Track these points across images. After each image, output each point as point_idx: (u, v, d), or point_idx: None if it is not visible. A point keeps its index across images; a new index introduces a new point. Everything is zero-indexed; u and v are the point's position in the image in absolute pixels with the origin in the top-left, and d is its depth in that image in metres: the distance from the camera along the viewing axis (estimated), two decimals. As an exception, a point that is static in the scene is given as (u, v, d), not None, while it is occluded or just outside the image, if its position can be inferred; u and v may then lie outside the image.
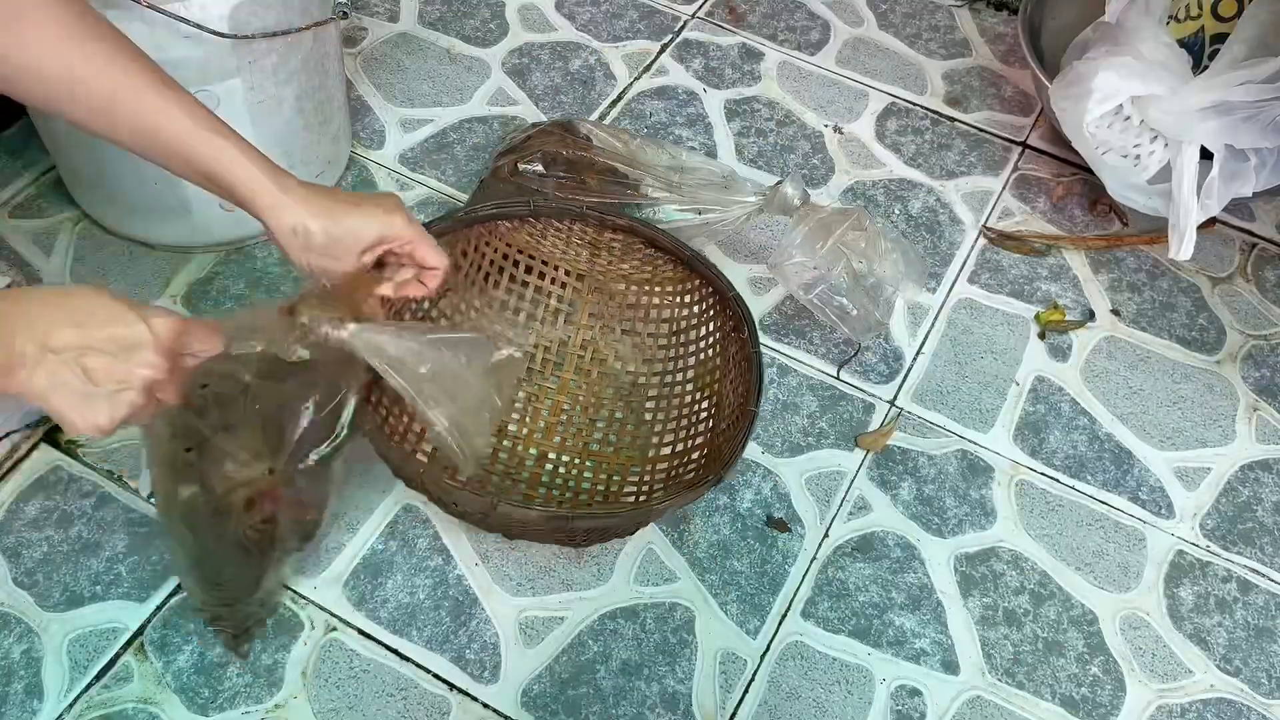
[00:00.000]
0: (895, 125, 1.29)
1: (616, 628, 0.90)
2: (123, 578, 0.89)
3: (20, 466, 0.94)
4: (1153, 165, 1.09)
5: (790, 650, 0.89)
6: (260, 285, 1.08)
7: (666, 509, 0.86)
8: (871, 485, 0.99)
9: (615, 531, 0.91)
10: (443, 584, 0.91)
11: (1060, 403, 1.06)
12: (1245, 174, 1.05)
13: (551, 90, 1.29)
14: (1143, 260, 1.18)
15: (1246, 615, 0.94)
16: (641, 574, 0.92)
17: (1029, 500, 0.99)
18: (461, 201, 1.17)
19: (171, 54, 0.92)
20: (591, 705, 0.86)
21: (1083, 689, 0.89)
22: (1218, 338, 1.12)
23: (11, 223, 1.11)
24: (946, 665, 0.90)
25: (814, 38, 1.38)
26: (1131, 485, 1.01)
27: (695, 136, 1.25)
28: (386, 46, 1.32)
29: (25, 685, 0.84)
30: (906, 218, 1.20)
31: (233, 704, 0.84)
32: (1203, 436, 1.05)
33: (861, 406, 1.04)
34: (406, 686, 0.86)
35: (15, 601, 0.88)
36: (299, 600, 0.89)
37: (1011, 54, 1.38)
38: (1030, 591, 0.94)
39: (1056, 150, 1.28)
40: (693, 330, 1.00)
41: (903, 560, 0.95)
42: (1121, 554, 0.97)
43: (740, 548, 0.94)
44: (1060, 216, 1.22)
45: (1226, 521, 0.99)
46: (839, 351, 1.08)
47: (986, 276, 1.15)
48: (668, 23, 1.38)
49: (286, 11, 0.97)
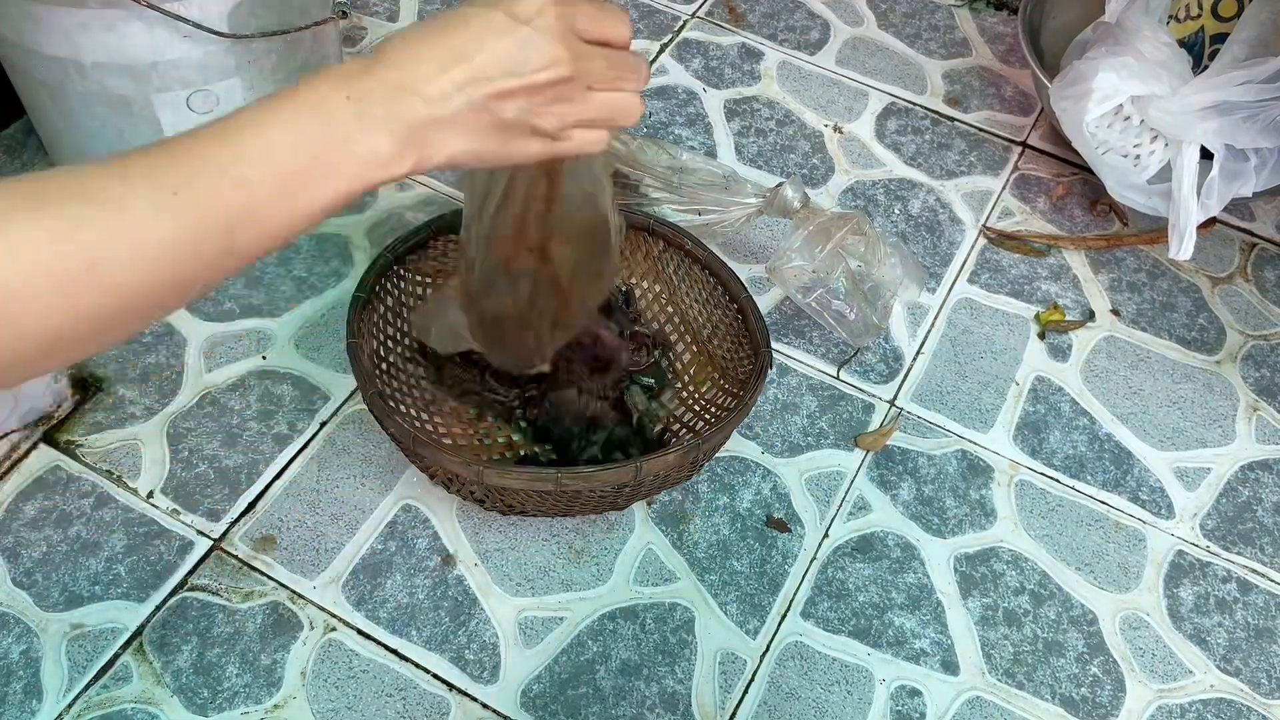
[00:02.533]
0: (895, 125, 1.29)
1: (616, 628, 0.90)
2: (122, 578, 0.89)
3: (19, 466, 0.94)
4: (1153, 165, 1.09)
5: (790, 650, 0.89)
6: (259, 285, 1.08)
7: (661, 470, 0.84)
8: (871, 485, 0.99)
9: (611, 499, 0.89)
10: (442, 584, 0.91)
11: (1060, 403, 1.06)
12: (1245, 174, 1.05)
13: (551, 90, 1.29)
14: (1143, 260, 1.18)
15: (1246, 615, 0.94)
16: (641, 574, 0.92)
17: (1029, 500, 0.99)
18: (461, 201, 1.17)
19: (171, 54, 0.92)
20: (591, 705, 0.86)
21: (1082, 689, 0.89)
22: (1217, 338, 1.12)
23: (10, 222, 1.11)
24: (946, 665, 0.90)
25: (814, 37, 1.38)
26: (1131, 485, 1.01)
27: (695, 136, 1.25)
28: (386, 46, 1.32)
29: (24, 685, 0.84)
30: (906, 217, 1.20)
31: (232, 704, 0.84)
32: (1202, 436, 1.05)
33: (861, 406, 1.04)
34: (406, 687, 0.86)
35: (14, 601, 0.88)
36: (298, 600, 0.89)
37: (1011, 54, 1.38)
38: (1030, 592, 0.94)
39: (1056, 150, 1.28)
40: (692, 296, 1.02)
41: (902, 560, 0.95)
42: (1121, 554, 0.96)
43: (740, 548, 0.94)
44: (1060, 216, 1.21)
45: (1226, 522, 0.99)
46: (839, 352, 1.08)
47: (986, 276, 1.15)
48: (667, 22, 1.38)
49: (286, 11, 0.97)
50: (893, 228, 1.18)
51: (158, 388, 1.01)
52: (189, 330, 1.05)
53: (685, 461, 0.85)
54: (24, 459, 0.95)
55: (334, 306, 1.07)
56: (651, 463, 0.82)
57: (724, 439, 0.91)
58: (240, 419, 0.99)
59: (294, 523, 0.94)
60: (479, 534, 0.94)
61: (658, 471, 0.83)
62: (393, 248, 0.94)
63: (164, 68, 0.93)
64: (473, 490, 0.87)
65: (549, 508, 0.89)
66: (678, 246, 1.01)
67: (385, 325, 0.96)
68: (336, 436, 0.99)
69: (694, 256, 1.00)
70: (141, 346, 1.03)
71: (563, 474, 0.81)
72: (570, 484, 0.81)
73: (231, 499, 0.95)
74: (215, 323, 1.06)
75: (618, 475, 0.82)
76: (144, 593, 0.89)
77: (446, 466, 0.82)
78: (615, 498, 0.88)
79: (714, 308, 1.00)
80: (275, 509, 0.94)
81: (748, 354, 0.96)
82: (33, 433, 0.96)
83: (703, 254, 0.99)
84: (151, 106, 0.96)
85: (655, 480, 0.87)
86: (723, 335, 1.00)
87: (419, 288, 1.00)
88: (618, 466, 0.83)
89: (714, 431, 0.85)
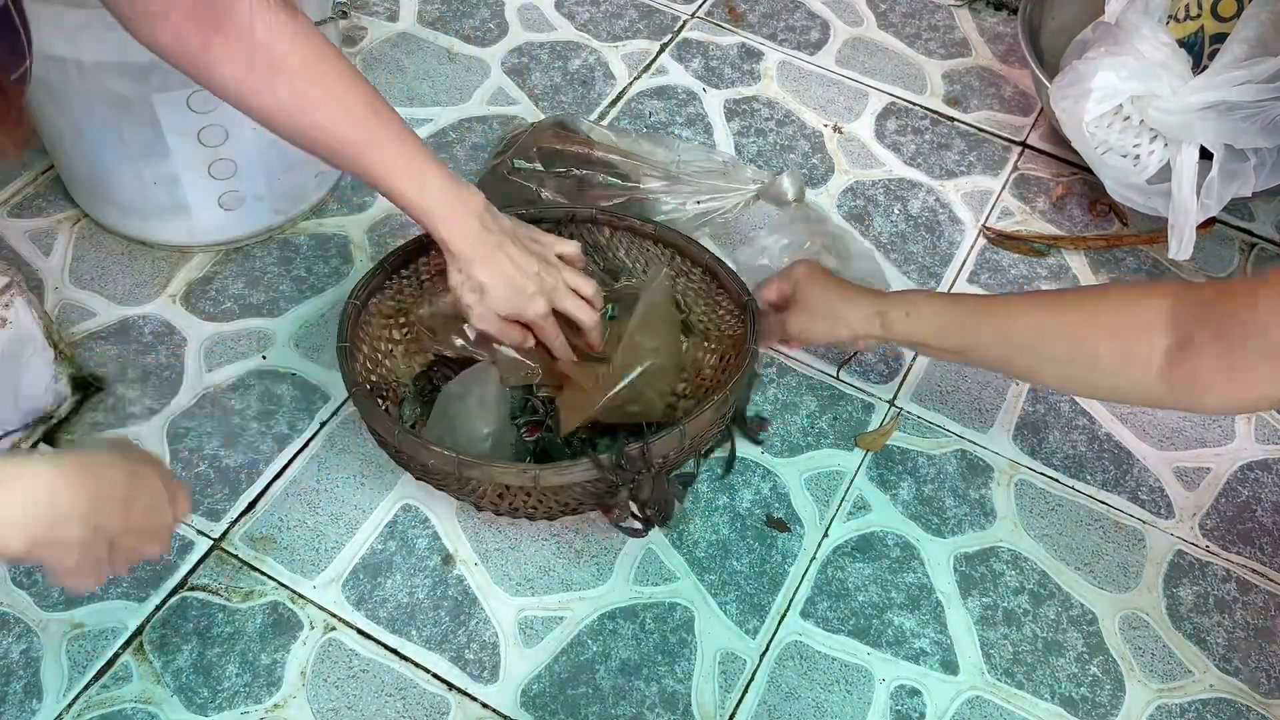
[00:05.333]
0: (895, 125, 1.29)
1: (616, 627, 0.90)
2: (121, 578, 0.89)
3: (19, 466, 0.94)
4: (1152, 165, 1.09)
5: (790, 650, 0.89)
6: (259, 284, 1.09)
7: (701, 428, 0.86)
8: (871, 485, 0.99)
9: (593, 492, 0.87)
10: (442, 584, 0.91)
11: (1059, 402, 1.06)
12: (1245, 174, 1.05)
13: (551, 90, 1.29)
14: (1142, 260, 1.18)
15: (1245, 615, 0.94)
16: (641, 574, 0.92)
17: (1028, 500, 0.99)
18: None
19: (171, 53, 0.92)
20: (591, 705, 0.86)
21: (1082, 689, 0.89)
22: (1217, 338, 1.12)
23: (10, 222, 1.11)
24: (946, 665, 0.90)
25: (813, 37, 1.38)
26: (1131, 485, 1.01)
27: (695, 136, 1.25)
28: (386, 46, 1.32)
29: (24, 685, 0.84)
30: (906, 217, 1.20)
31: (231, 704, 0.84)
32: (1202, 436, 1.05)
33: (861, 406, 1.04)
34: (405, 686, 0.86)
35: (14, 601, 0.88)
36: (298, 600, 0.89)
37: (1011, 54, 1.38)
38: (1030, 591, 0.94)
39: (1056, 150, 1.28)
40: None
41: (902, 560, 0.95)
42: (1121, 554, 0.97)
43: (740, 548, 0.94)
44: (1060, 216, 1.22)
45: (1226, 521, 0.99)
46: (838, 352, 1.08)
47: (986, 276, 1.15)
48: (667, 22, 1.38)
49: (286, 11, 0.97)
50: (892, 228, 1.18)
51: (158, 388, 1.01)
52: (189, 330, 1.05)
53: (718, 417, 0.87)
54: (24, 459, 0.95)
55: (334, 306, 1.07)
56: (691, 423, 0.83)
57: (742, 387, 0.90)
58: (240, 419, 0.99)
59: (294, 522, 0.94)
60: (479, 534, 0.94)
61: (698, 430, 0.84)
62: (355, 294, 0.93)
63: (164, 68, 0.92)
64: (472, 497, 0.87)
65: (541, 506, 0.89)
66: (627, 229, 1.00)
67: (380, 330, 0.96)
68: (336, 436, 0.99)
69: (643, 233, 1.00)
70: (141, 346, 1.03)
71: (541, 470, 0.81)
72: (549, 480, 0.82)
73: (231, 499, 0.95)
74: (215, 323, 1.06)
75: (664, 445, 0.83)
76: (144, 592, 0.89)
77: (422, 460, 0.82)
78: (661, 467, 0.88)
79: (677, 278, 1.00)
80: (275, 509, 0.94)
81: (729, 310, 0.96)
82: (33, 432, 0.96)
83: (653, 229, 0.99)
84: (151, 106, 0.96)
85: (692, 446, 0.87)
86: (694, 299, 1.00)
87: (384, 329, 0.98)
88: (662, 437, 0.83)
89: (737, 379, 0.86)
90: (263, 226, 1.11)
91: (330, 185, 1.16)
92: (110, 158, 1.01)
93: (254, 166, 1.05)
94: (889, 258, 1.16)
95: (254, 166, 1.05)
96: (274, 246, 1.12)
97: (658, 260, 1.01)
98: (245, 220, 1.10)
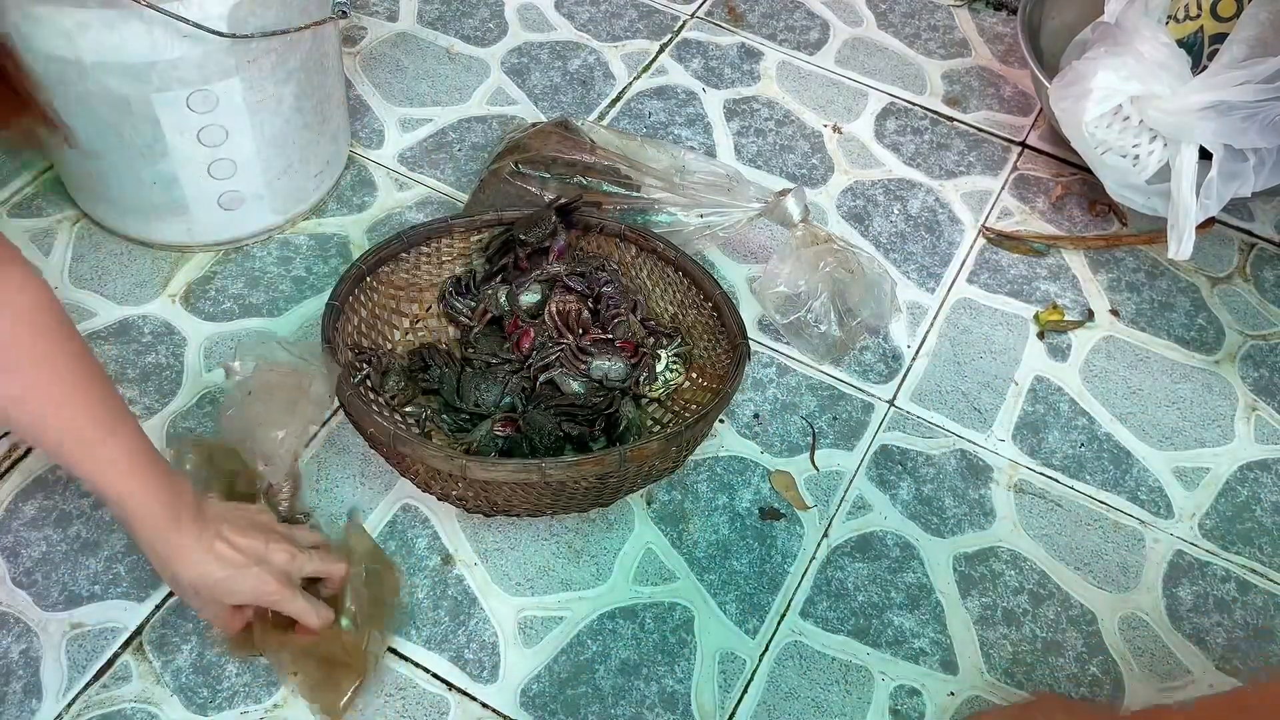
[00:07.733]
0: (894, 125, 1.29)
1: (615, 627, 0.90)
2: (121, 577, 0.89)
3: (19, 465, 0.94)
4: (1152, 165, 1.09)
5: (789, 650, 0.89)
6: (259, 284, 1.09)
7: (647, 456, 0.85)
8: (870, 485, 0.99)
9: (596, 493, 0.89)
10: (441, 583, 0.91)
11: (1059, 402, 1.06)
12: (1244, 174, 1.05)
13: (551, 90, 1.29)
14: (1142, 260, 1.18)
15: (1245, 615, 0.94)
16: (640, 573, 0.92)
17: (1028, 500, 0.99)
18: (460, 201, 1.17)
19: (170, 53, 0.92)
20: (590, 705, 0.86)
21: (1082, 689, 0.89)
22: (1216, 337, 1.12)
23: (10, 222, 1.11)
24: (945, 665, 0.90)
25: (813, 37, 1.38)
26: (1130, 485, 1.01)
27: (694, 136, 1.25)
28: (385, 46, 1.32)
29: (24, 685, 0.84)
30: (906, 217, 1.20)
31: (231, 704, 0.84)
32: (1201, 436, 1.05)
33: (860, 406, 1.04)
34: (405, 686, 0.86)
35: (14, 601, 0.88)
36: (298, 600, 0.89)
37: (1011, 54, 1.38)
38: (1029, 591, 0.94)
39: (1056, 150, 1.28)
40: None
41: (901, 560, 0.95)
42: (1120, 554, 0.97)
43: (739, 547, 0.94)
44: (1059, 216, 1.22)
45: (1225, 521, 0.99)
46: (838, 353, 1.08)
47: (985, 276, 1.15)
48: (667, 22, 1.38)
49: (285, 11, 0.97)
50: (892, 228, 1.18)
51: (158, 388, 1.01)
52: (189, 330, 1.05)
53: (669, 450, 0.87)
54: (24, 459, 0.95)
55: (334, 306, 1.07)
56: (635, 451, 0.84)
57: (706, 428, 0.93)
58: (240, 419, 0.99)
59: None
60: (478, 534, 0.94)
61: (643, 458, 0.85)
62: (364, 259, 0.97)
63: (163, 67, 0.93)
64: (462, 498, 0.88)
65: (535, 503, 0.89)
66: (650, 251, 1.02)
67: (359, 337, 0.97)
68: (336, 437, 0.99)
69: (666, 259, 1.01)
70: (141, 346, 1.03)
71: (546, 464, 0.82)
72: (554, 474, 0.82)
73: (231, 499, 0.95)
74: (215, 322, 1.06)
75: (601, 465, 0.83)
76: (144, 592, 0.89)
77: (429, 462, 0.83)
78: (600, 490, 0.89)
79: (689, 309, 1.01)
80: (275, 509, 0.94)
81: (725, 350, 0.97)
82: (32, 432, 0.96)
83: (674, 255, 1.00)
84: (151, 106, 0.96)
85: (639, 472, 0.88)
86: (699, 334, 1.00)
87: (391, 300, 1.01)
88: (602, 454, 0.84)
89: (695, 420, 0.87)
90: (262, 226, 1.11)
91: (330, 185, 1.16)
92: (110, 158, 1.01)
93: (254, 166, 1.05)
94: (889, 258, 1.16)
95: (254, 166, 1.05)
96: (274, 246, 1.12)
97: (675, 286, 1.02)
98: (245, 220, 1.10)
